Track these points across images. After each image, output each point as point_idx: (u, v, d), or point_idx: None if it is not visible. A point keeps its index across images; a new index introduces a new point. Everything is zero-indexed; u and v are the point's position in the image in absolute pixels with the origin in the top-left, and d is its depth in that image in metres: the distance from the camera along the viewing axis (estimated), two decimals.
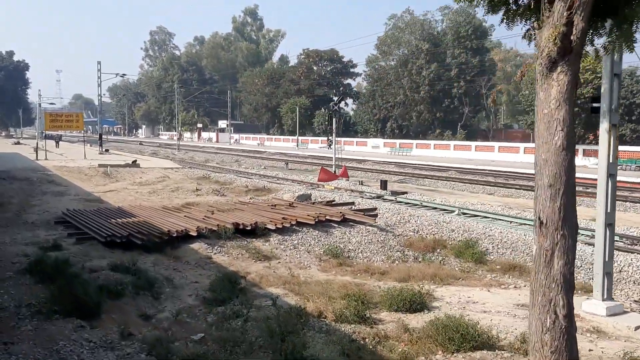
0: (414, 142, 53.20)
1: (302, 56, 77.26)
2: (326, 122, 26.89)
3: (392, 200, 19.59)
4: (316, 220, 13.64)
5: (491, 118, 74.84)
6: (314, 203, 17.58)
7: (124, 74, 53.70)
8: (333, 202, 17.52)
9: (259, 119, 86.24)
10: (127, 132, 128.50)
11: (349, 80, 79.99)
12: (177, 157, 49.04)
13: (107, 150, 42.72)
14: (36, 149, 33.43)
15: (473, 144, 46.34)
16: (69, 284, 7.67)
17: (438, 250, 13.20)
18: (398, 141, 55.41)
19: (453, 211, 17.55)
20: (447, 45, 69.79)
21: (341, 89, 74.86)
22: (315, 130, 69.80)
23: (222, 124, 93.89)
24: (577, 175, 4.55)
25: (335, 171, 25.88)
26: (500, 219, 16.35)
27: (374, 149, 54.76)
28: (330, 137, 27.78)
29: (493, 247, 13.30)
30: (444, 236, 14.14)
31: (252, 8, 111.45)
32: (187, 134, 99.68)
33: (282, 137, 73.88)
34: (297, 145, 61.82)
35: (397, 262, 12.36)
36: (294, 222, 13.46)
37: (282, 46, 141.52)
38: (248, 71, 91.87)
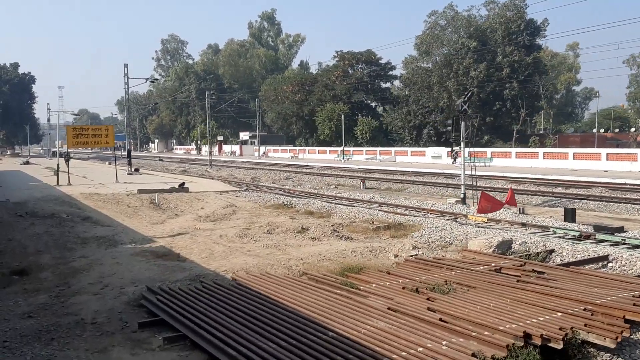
0: (488, 150, 46.26)
1: (336, 59, 70.58)
2: (448, 128, 19.86)
3: (627, 245, 12.55)
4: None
5: (550, 122, 68.05)
6: (528, 256, 10.87)
7: (155, 79, 47.21)
8: (570, 262, 10.76)
9: (287, 129, 79.48)
10: (139, 147, 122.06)
11: (386, 84, 73.00)
12: (213, 174, 42.38)
13: (136, 170, 36.11)
14: (57, 172, 26.74)
15: (570, 150, 39.46)
16: None
17: None
18: (470, 149, 47.96)
19: None
20: (497, 42, 63.21)
21: (378, 94, 68.26)
22: (357, 140, 62.89)
23: (244, 135, 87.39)
24: None
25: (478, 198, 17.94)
26: None
27: (435, 159, 48.04)
28: (455, 148, 21.18)
29: None
30: None
31: (270, 12, 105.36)
32: (206, 147, 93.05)
33: (317, 148, 67.03)
34: (343, 157, 54.97)
35: None
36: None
37: (301, 52, 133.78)
38: (270, 78, 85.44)
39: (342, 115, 58.96)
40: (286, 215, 18.22)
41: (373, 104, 68.57)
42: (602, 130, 76.47)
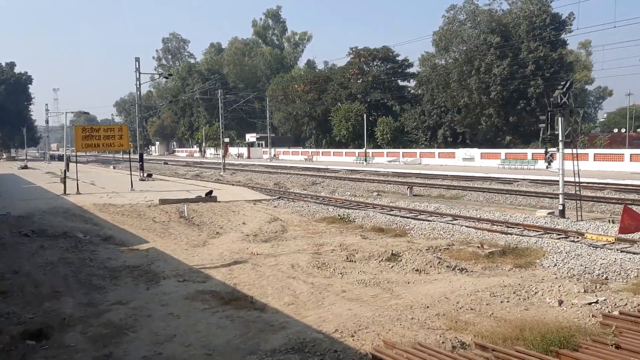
0: (529, 151, 42.76)
1: (351, 55, 67.14)
2: (545, 124, 16.42)
3: None
4: None
5: (580, 123, 64.75)
6: None
7: (169, 74, 43.75)
8: None
9: (296, 130, 75.95)
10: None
11: (403, 82, 69.56)
12: (228, 179, 39.01)
13: (149, 176, 32.74)
14: (64, 179, 23.27)
15: (627, 152, 36.20)
16: None
17: None
18: (501, 150, 44.48)
19: None
20: (521, 37, 60.05)
21: (395, 92, 64.90)
22: (377, 141, 59.46)
23: (250, 137, 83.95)
24: None
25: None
26: None
27: (467, 161, 44.76)
28: (549, 149, 17.78)
29: None
30: None
31: (275, 10, 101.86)
32: (210, 150, 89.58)
33: (331, 150, 63.60)
34: (365, 160, 51.54)
35: None
36: None
37: (307, 50, 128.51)
38: (278, 77, 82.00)
39: (365, 115, 55.40)
40: (352, 233, 14.91)
41: (389, 103, 65.10)
42: (622, 130, 73.66)
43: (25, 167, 49.39)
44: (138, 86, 31.86)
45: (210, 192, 21.98)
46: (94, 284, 10.10)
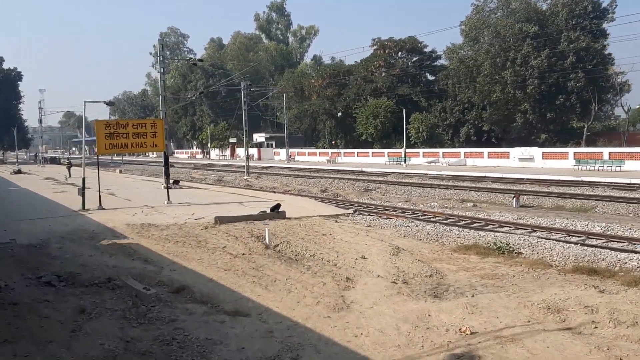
0: (604, 150, 37.51)
1: (375, 47, 61.82)
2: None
3: None
4: None
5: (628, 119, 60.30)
6: None
7: (200, 60, 38.24)
8: None
9: (312, 129, 70.44)
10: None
11: (432, 76, 64.26)
12: (260, 184, 33.73)
13: (176, 182, 27.38)
14: (82, 190, 17.76)
15: None
16: None
17: None
18: (569, 150, 38.91)
19: None
20: (559, 27, 55.29)
21: (423, 86, 59.74)
22: (410, 140, 54.08)
23: (259, 137, 78.46)
24: None
25: None
26: None
27: (525, 161, 39.75)
28: None
29: None
30: None
31: (279, 3, 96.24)
32: (215, 151, 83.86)
33: (355, 150, 58.21)
34: (404, 161, 46.21)
35: None
36: None
37: (313, 45, 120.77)
38: (288, 73, 76.53)
39: (403, 110, 49.89)
40: (554, 279, 9.76)
41: (415, 99, 59.91)
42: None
43: (19, 172, 43.61)
44: (161, 72, 26.43)
45: (278, 206, 16.74)
46: None
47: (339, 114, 60.26)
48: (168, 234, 14.03)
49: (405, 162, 45.72)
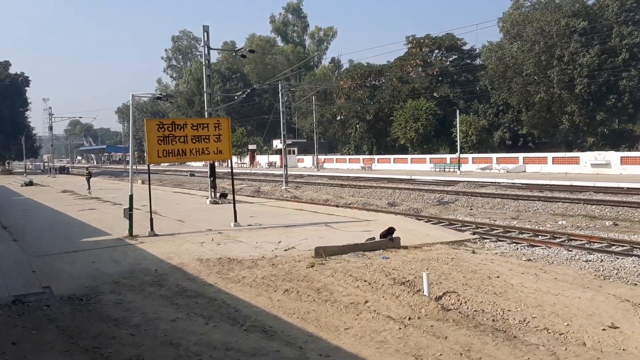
0: None
1: (410, 45, 57.77)
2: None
3: None
4: None
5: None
6: None
7: (251, 50, 34.28)
8: None
9: (333, 134, 66.44)
10: (143, 160, 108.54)
11: (472, 77, 60.07)
12: (299, 195, 29.69)
13: (224, 196, 23.39)
14: (130, 212, 13.55)
15: None
16: None
17: None
18: None
19: None
20: (609, 21, 51.16)
21: (464, 86, 55.59)
22: (455, 145, 49.92)
23: (279, 144, 74.47)
24: None
25: None
26: None
27: (598, 167, 35.49)
28: None
29: None
30: None
31: (296, 4, 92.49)
32: (233, 159, 79.99)
33: (392, 156, 53.92)
34: (459, 168, 41.92)
35: None
36: None
37: (331, 48, 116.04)
38: (309, 75, 72.64)
39: (457, 111, 45.52)
40: None
41: (454, 100, 55.83)
42: None
43: (31, 184, 39.65)
44: (206, 64, 22.47)
45: (391, 231, 12.67)
46: None
47: (370, 117, 56.23)
48: (264, 275, 9.96)
49: (459, 168, 41.51)
